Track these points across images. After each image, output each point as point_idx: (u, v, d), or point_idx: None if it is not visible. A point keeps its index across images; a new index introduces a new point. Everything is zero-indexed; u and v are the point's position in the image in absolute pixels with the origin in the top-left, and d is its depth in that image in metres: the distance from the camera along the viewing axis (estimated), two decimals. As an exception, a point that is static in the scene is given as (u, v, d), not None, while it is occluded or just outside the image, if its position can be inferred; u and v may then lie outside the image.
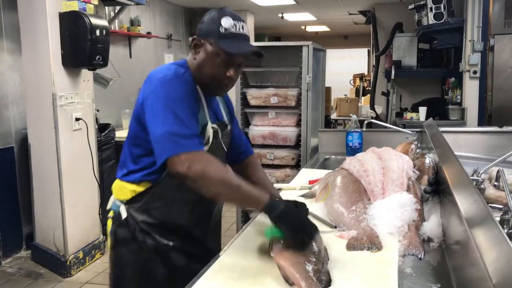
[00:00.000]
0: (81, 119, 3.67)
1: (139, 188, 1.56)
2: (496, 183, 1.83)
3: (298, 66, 3.39)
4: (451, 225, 1.46)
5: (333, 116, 7.27)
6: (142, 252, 1.56)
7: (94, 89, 3.95)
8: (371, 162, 1.94)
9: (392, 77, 5.91)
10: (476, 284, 1.02)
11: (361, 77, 10.54)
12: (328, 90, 11.27)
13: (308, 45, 3.32)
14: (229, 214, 4.21)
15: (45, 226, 3.74)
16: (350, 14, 8.48)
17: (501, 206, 1.63)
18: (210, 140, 1.56)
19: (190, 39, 1.54)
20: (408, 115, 5.65)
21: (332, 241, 1.57)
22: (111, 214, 1.65)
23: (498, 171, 1.80)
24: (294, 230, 1.32)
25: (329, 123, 6.92)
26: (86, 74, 3.73)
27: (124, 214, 1.57)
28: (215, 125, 1.59)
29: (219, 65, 1.49)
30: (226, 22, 1.45)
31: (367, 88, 8.46)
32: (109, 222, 1.65)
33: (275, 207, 1.34)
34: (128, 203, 1.58)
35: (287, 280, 1.26)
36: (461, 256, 1.23)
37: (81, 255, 3.72)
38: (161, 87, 1.42)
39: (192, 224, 1.63)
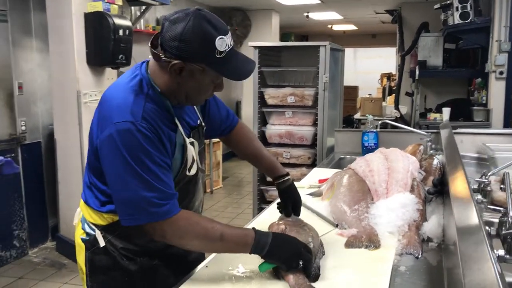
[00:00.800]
0: (104, 116, 3.79)
1: (117, 217, 1.32)
2: (502, 186, 1.83)
3: (315, 66, 3.42)
4: (450, 227, 1.48)
5: (357, 115, 7.23)
6: (127, 278, 1.42)
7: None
8: (377, 162, 1.96)
9: (416, 77, 5.85)
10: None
11: (389, 76, 10.44)
12: (355, 89, 11.30)
13: (325, 45, 3.34)
14: (239, 222, 4.26)
15: (68, 218, 3.88)
16: (376, 13, 8.41)
17: (501, 208, 1.63)
18: (194, 156, 1.42)
19: (167, 60, 1.23)
20: (432, 115, 5.58)
21: (332, 238, 1.61)
22: (82, 235, 1.44)
23: (503, 174, 1.80)
24: (288, 261, 1.26)
25: (351, 123, 6.89)
26: (110, 73, 3.86)
27: (101, 242, 1.39)
28: (191, 138, 1.41)
29: (210, 88, 1.33)
30: (222, 45, 1.21)
31: (393, 88, 8.38)
32: (81, 245, 1.44)
33: (262, 246, 1.25)
34: (105, 229, 1.40)
35: (277, 274, 1.30)
36: (452, 259, 1.25)
37: (102, 247, 3.84)
38: (120, 140, 1.20)
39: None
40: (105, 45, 3.52)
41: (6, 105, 3.79)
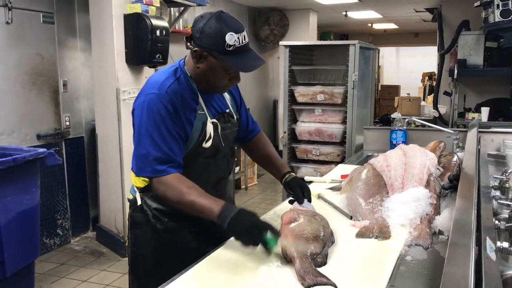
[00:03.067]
0: (142, 112, 3.97)
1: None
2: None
3: (345, 65, 3.46)
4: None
5: (394, 115, 7.14)
6: (154, 235, 1.69)
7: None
8: (395, 158, 2.00)
9: (455, 76, 5.75)
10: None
11: (430, 75, 10.23)
12: (396, 88, 11.13)
13: (355, 44, 3.38)
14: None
15: (107, 210, 4.10)
16: (416, 11, 8.28)
17: (512, 204, 1.64)
18: (212, 135, 1.65)
19: (192, 48, 1.54)
20: (470, 115, 5.48)
21: (344, 229, 1.67)
22: (130, 196, 1.79)
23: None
24: (244, 235, 1.39)
25: (388, 122, 6.83)
26: (148, 71, 4.03)
27: (139, 201, 1.71)
28: (215, 120, 1.67)
29: (224, 77, 1.58)
30: (231, 39, 1.48)
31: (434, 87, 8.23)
32: (128, 205, 1.80)
33: (223, 220, 1.40)
34: (142, 191, 1.69)
35: (285, 257, 1.38)
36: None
37: (139, 238, 4.02)
38: (146, 106, 1.53)
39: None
40: (143, 45, 3.69)
41: (52, 102, 4.04)
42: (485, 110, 5.20)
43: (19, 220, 2.76)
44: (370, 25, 10.55)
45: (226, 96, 1.78)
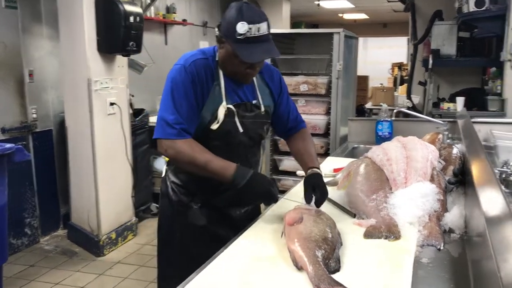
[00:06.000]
0: (115, 103, 3.77)
1: None
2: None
3: (328, 54, 3.36)
4: (473, 218, 1.43)
5: (368, 105, 7.16)
6: (170, 206, 1.85)
7: (129, 75, 4.04)
8: (395, 151, 1.92)
9: (430, 66, 5.75)
10: (490, 281, 1.00)
11: (400, 66, 10.32)
12: (365, 79, 11.17)
13: (339, 32, 3.28)
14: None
15: (80, 206, 3.88)
16: (388, 1, 8.29)
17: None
18: (221, 119, 1.68)
19: (217, 32, 1.63)
20: (445, 105, 5.49)
21: (350, 228, 1.57)
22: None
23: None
24: (259, 197, 1.63)
25: (363, 113, 6.83)
26: (121, 60, 3.82)
27: (163, 173, 1.91)
28: (231, 106, 1.70)
29: (239, 64, 1.61)
30: (241, 28, 1.53)
31: (405, 77, 8.28)
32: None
33: (238, 182, 1.56)
34: (168, 164, 1.89)
35: (296, 264, 1.27)
36: (479, 251, 1.21)
37: (113, 235, 3.84)
38: (172, 74, 1.65)
39: (211, 192, 1.79)
40: (115, 32, 3.48)
41: (16, 93, 3.78)
42: (460, 100, 5.22)
43: (-15, 222, 2.55)
44: (341, 15, 10.54)
45: (261, 88, 1.82)
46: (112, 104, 3.75)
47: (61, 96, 4.02)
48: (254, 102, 1.79)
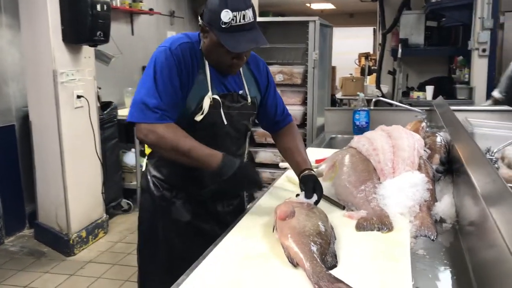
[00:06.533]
0: (82, 96, 3.60)
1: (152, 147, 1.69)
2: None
3: (304, 43, 3.30)
4: (466, 205, 1.41)
5: (338, 95, 7.17)
6: (152, 201, 1.77)
7: (96, 67, 3.87)
8: (381, 140, 1.88)
9: (399, 55, 5.79)
10: (496, 266, 0.97)
11: (367, 56, 10.41)
12: (333, 69, 11.21)
13: (314, 21, 3.23)
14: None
15: (47, 204, 3.71)
16: (356, -9, 8.31)
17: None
18: (206, 109, 1.60)
19: (200, 21, 1.56)
20: (415, 94, 5.56)
21: (340, 221, 1.53)
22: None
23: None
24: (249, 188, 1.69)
25: (334, 103, 6.83)
26: (87, 51, 3.65)
27: (144, 167, 1.86)
28: (216, 96, 1.62)
29: (225, 54, 1.53)
30: (226, 16, 1.45)
31: (372, 67, 8.35)
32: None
33: (224, 172, 1.48)
34: (148, 157, 1.82)
35: (291, 260, 1.21)
36: (478, 237, 1.18)
37: (84, 234, 3.69)
38: (154, 57, 1.56)
39: (194, 186, 1.70)
40: (82, 21, 3.31)
41: (-25, 86, 3.56)
42: (429, 89, 5.29)
43: None
44: (308, 5, 10.52)
45: (248, 78, 1.74)
46: (79, 97, 3.58)
47: (23, 89, 3.81)
48: (240, 92, 1.71)
